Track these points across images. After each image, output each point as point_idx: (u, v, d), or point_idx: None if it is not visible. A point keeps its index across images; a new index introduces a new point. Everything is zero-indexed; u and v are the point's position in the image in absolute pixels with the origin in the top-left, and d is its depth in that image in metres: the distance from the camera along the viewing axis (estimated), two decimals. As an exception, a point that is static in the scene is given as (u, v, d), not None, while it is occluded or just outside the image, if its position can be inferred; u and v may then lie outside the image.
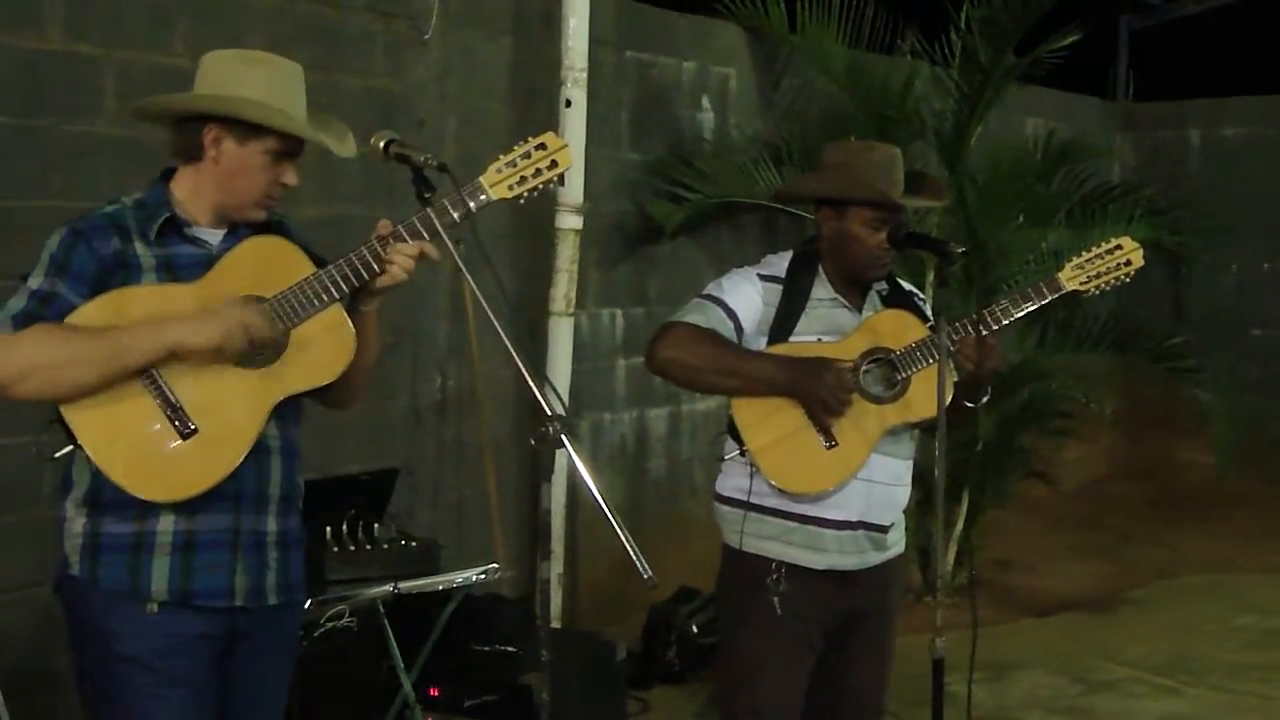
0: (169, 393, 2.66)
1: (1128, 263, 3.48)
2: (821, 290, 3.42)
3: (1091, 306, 6.75)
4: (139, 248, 2.71)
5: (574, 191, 5.71)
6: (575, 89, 5.65)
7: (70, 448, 2.67)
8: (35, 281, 2.67)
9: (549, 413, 2.39)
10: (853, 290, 3.44)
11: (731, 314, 3.37)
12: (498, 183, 2.74)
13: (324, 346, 2.75)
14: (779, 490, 3.36)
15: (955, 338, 3.33)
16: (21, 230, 4.16)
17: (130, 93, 4.40)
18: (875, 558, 3.44)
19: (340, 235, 2.78)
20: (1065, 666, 6.13)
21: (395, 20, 5.39)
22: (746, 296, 3.40)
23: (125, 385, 2.63)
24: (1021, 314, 3.39)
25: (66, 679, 4.25)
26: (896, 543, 3.52)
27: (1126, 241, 3.50)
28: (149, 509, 2.67)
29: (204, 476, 2.68)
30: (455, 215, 2.70)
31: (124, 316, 2.64)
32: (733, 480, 3.45)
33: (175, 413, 2.66)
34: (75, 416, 2.64)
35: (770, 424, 3.35)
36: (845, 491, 3.36)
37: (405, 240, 2.71)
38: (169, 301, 2.68)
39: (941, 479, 3.33)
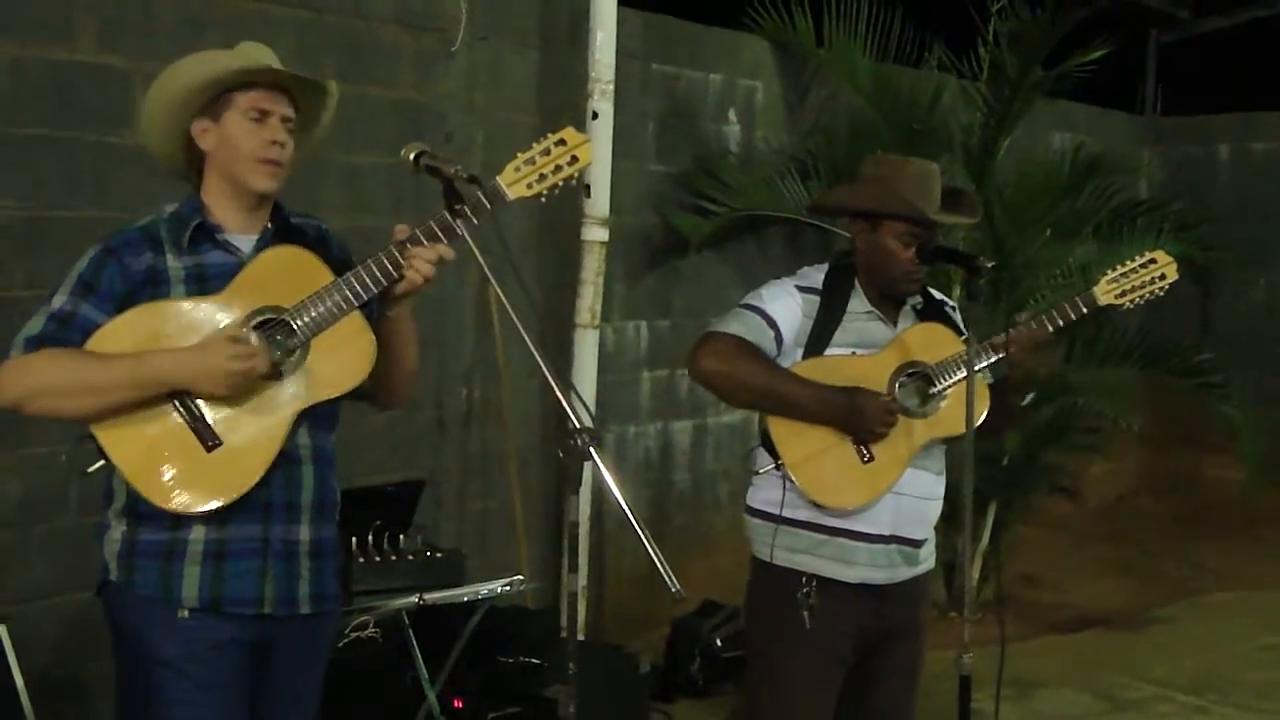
0: (194, 406, 2.68)
1: (1162, 276, 3.46)
2: (858, 303, 3.41)
3: (1119, 321, 6.72)
4: (170, 260, 2.73)
5: (600, 204, 5.72)
6: (602, 101, 5.66)
7: (101, 462, 2.70)
8: (58, 301, 2.71)
9: (576, 425, 2.39)
10: (888, 304, 3.43)
11: (772, 324, 3.36)
12: (516, 181, 2.73)
13: (345, 354, 2.75)
14: (813, 504, 3.34)
15: (988, 351, 3.34)
16: (52, 241, 4.20)
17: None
18: (906, 572, 3.42)
19: (368, 246, 2.76)
20: (1092, 684, 6.09)
21: (423, 33, 5.40)
22: (787, 307, 3.39)
23: (152, 401, 2.67)
24: (1055, 329, 3.37)
25: (93, 687, 4.29)
26: (928, 558, 3.51)
27: (1160, 255, 3.48)
28: (182, 518, 2.70)
29: (229, 489, 2.70)
30: (474, 218, 2.69)
31: (147, 335, 2.68)
32: (764, 493, 3.44)
33: (200, 427, 2.68)
34: (104, 432, 2.68)
35: (807, 438, 3.34)
36: (878, 505, 3.34)
37: (423, 244, 2.70)
38: (188, 318, 2.70)
39: (968, 494, 3.31)
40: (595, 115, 5.65)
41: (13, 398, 2.69)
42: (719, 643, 5.68)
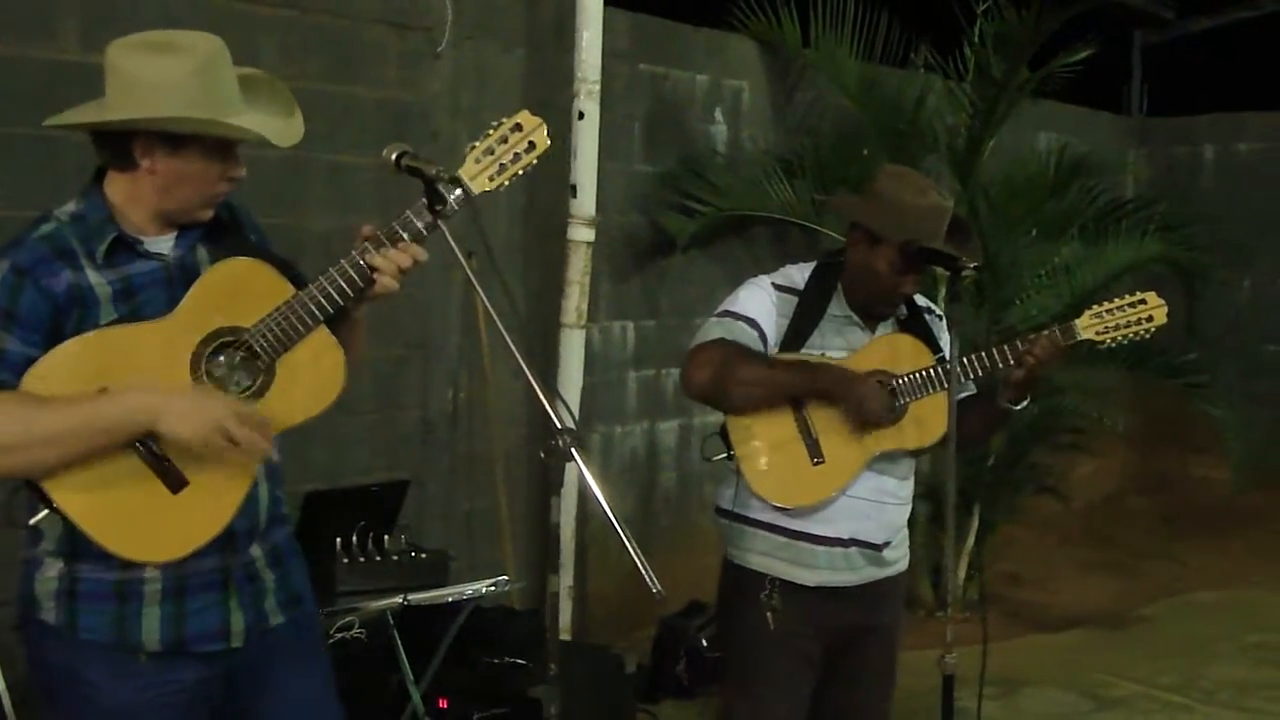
0: (153, 444, 2.41)
1: (1150, 319, 3.40)
2: (837, 306, 3.40)
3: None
4: (90, 275, 2.43)
5: (586, 204, 5.72)
6: (588, 101, 5.66)
7: (45, 512, 2.41)
8: None
9: (558, 426, 2.38)
10: (868, 311, 3.42)
11: (753, 323, 3.35)
12: (477, 174, 2.55)
13: (314, 374, 2.53)
14: (762, 502, 3.33)
15: (970, 369, 3.33)
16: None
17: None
18: (873, 573, 3.41)
19: (353, 247, 2.69)
20: (1076, 683, 6.11)
21: (409, 32, 5.40)
22: (762, 305, 3.38)
23: None
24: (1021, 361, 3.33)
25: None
26: (898, 560, 3.49)
27: (1151, 296, 3.42)
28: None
29: (199, 532, 2.47)
30: (432, 217, 2.51)
31: (95, 369, 2.39)
32: (726, 491, 3.45)
33: (162, 466, 2.42)
34: (49, 480, 2.38)
35: (760, 431, 3.33)
36: (834, 508, 3.33)
37: (387, 247, 2.50)
38: (139, 346, 2.43)
39: (952, 495, 3.32)
40: (581, 115, 5.65)
41: None
42: (705, 643, 5.68)
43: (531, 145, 2.56)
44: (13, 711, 3.69)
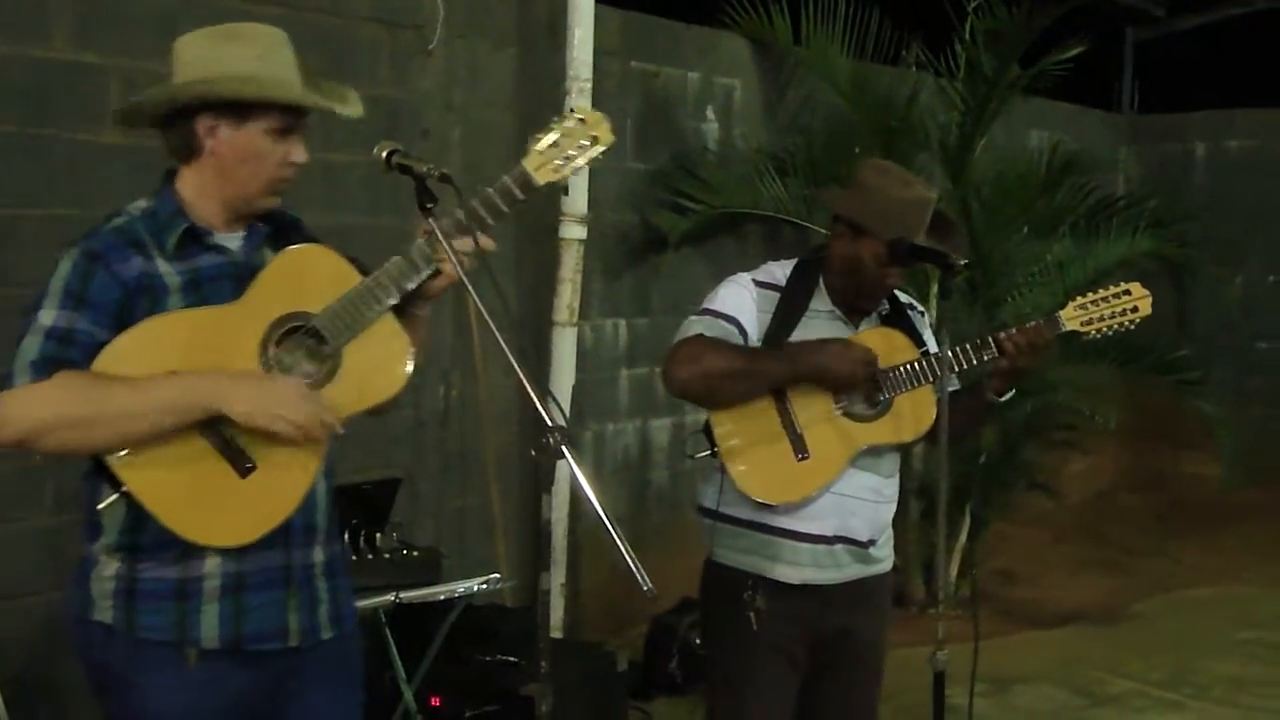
0: (222, 429, 2.42)
1: (1134, 309, 3.39)
2: (820, 302, 3.38)
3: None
4: (160, 265, 2.47)
5: (578, 201, 5.72)
6: (580, 99, 5.65)
7: (114, 496, 2.41)
8: (48, 316, 2.40)
9: (550, 424, 2.38)
10: (851, 307, 3.40)
11: (733, 320, 3.33)
12: (542, 165, 2.57)
13: (380, 361, 2.55)
14: (747, 499, 3.31)
15: (957, 362, 3.31)
16: (26, 239, 4.18)
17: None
18: (857, 571, 3.38)
19: (345, 245, 2.70)
20: (1068, 680, 6.12)
21: (400, 30, 5.39)
22: (743, 302, 3.36)
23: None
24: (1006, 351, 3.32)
25: (68, 687, 4.27)
26: (884, 558, 3.46)
27: (1136, 287, 3.41)
28: (192, 550, 2.45)
29: (267, 517, 2.47)
30: (505, 206, 2.55)
31: (163, 352, 2.42)
32: (709, 490, 3.42)
33: (231, 449, 2.43)
34: (119, 462, 2.40)
35: (744, 427, 3.31)
36: (819, 505, 3.30)
37: (452, 237, 2.50)
38: (209, 330, 2.46)
39: (945, 491, 3.32)
40: (573, 112, 5.63)
41: (20, 433, 2.36)
42: (697, 640, 5.68)
43: (595, 139, 2.61)
44: (3, 708, 3.69)
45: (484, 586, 4.28)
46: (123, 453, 2.39)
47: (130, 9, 4.45)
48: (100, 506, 2.44)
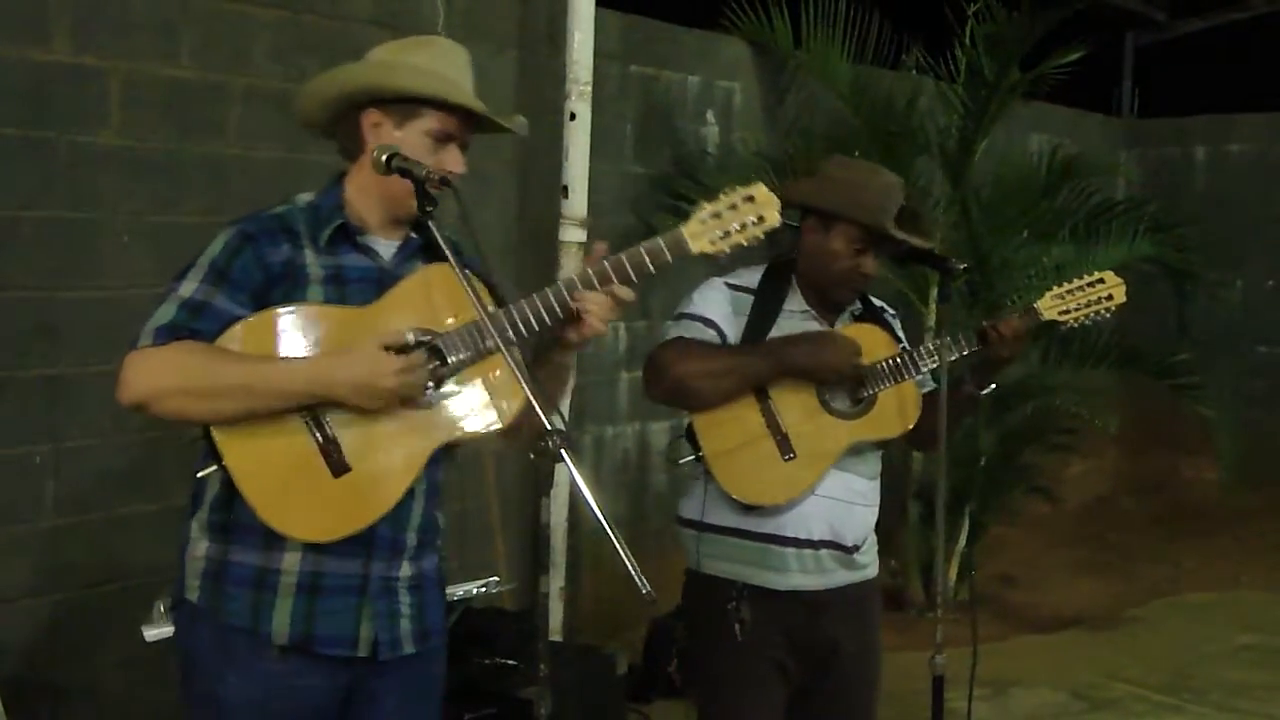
0: (326, 426, 2.45)
1: (1109, 297, 3.42)
2: (794, 303, 3.36)
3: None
4: (308, 255, 2.52)
5: (578, 205, 5.71)
6: (580, 103, 5.65)
7: (214, 468, 2.46)
8: (188, 288, 2.46)
9: (549, 427, 2.38)
10: (825, 307, 3.38)
11: (710, 323, 3.32)
12: (699, 234, 2.58)
13: (496, 390, 2.54)
14: (733, 502, 3.28)
15: (951, 353, 3.31)
16: (26, 241, 4.17)
17: (135, 105, 4.42)
18: (844, 577, 3.33)
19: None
20: (1067, 684, 6.12)
21: (401, 33, 5.34)
22: (719, 305, 3.34)
23: (282, 413, 2.44)
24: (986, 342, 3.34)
25: (67, 689, 4.27)
26: (868, 565, 3.42)
27: (1109, 275, 3.44)
28: (276, 540, 2.48)
29: (350, 521, 2.48)
30: (653, 267, 2.58)
31: (292, 339, 2.46)
32: (692, 501, 3.39)
33: (331, 449, 2.45)
34: (223, 437, 2.44)
35: (728, 430, 3.28)
36: (805, 508, 3.27)
37: (594, 286, 2.52)
38: (339, 328, 2.48)
39: (943, 494, 3.32)
40: (573, 116, 5.65)
41: (140, 395, 2.40)
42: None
43: (761, 219, 2.60)
44: (3, 710, 3.69)
45: (483, 589, 4.27)
46: (228, 426, 2.42)
47: (130, 11, 4.45)
48: (200, 474, 2.49)
